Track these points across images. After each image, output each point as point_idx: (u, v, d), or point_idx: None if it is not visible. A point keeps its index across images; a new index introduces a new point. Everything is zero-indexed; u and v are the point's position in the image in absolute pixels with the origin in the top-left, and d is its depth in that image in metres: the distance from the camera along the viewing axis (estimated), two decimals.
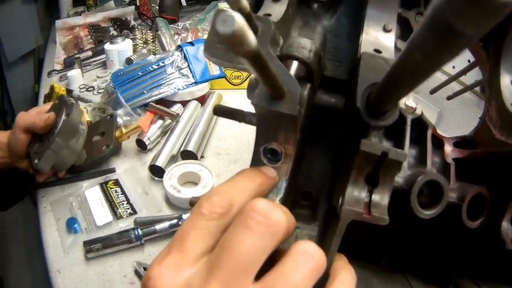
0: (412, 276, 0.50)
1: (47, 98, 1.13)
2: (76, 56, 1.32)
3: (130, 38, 1.28)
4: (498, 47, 0.46)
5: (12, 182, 0.94)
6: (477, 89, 1.26)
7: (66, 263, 0.74)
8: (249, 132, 0.41)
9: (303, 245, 0.27)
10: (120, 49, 1.15)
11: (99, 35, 1.48)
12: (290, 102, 0.29)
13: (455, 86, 0.83)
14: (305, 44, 0.33)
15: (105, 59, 1.26)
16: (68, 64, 1.33)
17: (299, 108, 0.29)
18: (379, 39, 0.38)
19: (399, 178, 0.42)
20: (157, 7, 1.49)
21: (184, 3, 1.49)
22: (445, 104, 1.24)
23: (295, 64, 0.35)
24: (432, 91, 0.84)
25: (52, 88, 1.11)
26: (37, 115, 0.72)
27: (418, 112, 0.46)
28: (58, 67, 1.36)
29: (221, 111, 0.36)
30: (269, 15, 0.36)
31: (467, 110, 1.23)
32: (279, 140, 0.33)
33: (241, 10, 0.28)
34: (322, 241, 0.41)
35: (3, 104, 1.89)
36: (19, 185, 0.94)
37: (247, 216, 0.26)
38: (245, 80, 1.00)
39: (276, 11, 0.37)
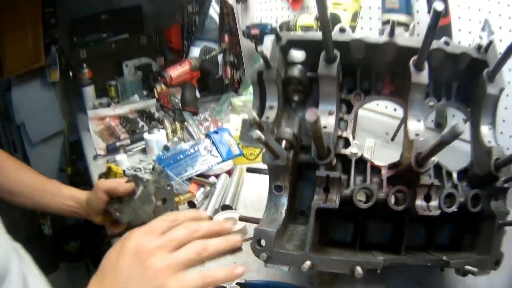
0: (377, 251, 0.70)
1: (104, 175, 1.29)
2: (119, 144, 1.57)
3: (161, 129, 1.58)
4: (406, 98, 0.72)
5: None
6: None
7: None
8: (264, 191, 0.71)
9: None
10: (157, 138, 1.45)
11: (131, 125, 1.77)
12: (282, 159, 0.62)
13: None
14: (287, 131, 0.67)
15: (143, 146, 1.53)
16: (112, 149, 1.55)
17: (287, 162, 0.62)
18: (328, 120, 0.71)
19: (349, 191, 0.69)
20: (177, 101, 1.79)
21: (198, 95, 1.77)
22: None
23: (284, 142, 0.68)
24: (392, 138, 1.14)
25: (109, 168, 1.33)
26: (117, 183, 0.96)
27: (359, 154, 0.75)
28: (101, 152, 1.58)
29: None
30: (268, 118, 0.70)
31: None
32: (280, 180, 0.66)
33: (258, 124, 0.62)
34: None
35: None
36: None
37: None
38: (258, 155, 1.33)
39: (271, 115, 0.71)
